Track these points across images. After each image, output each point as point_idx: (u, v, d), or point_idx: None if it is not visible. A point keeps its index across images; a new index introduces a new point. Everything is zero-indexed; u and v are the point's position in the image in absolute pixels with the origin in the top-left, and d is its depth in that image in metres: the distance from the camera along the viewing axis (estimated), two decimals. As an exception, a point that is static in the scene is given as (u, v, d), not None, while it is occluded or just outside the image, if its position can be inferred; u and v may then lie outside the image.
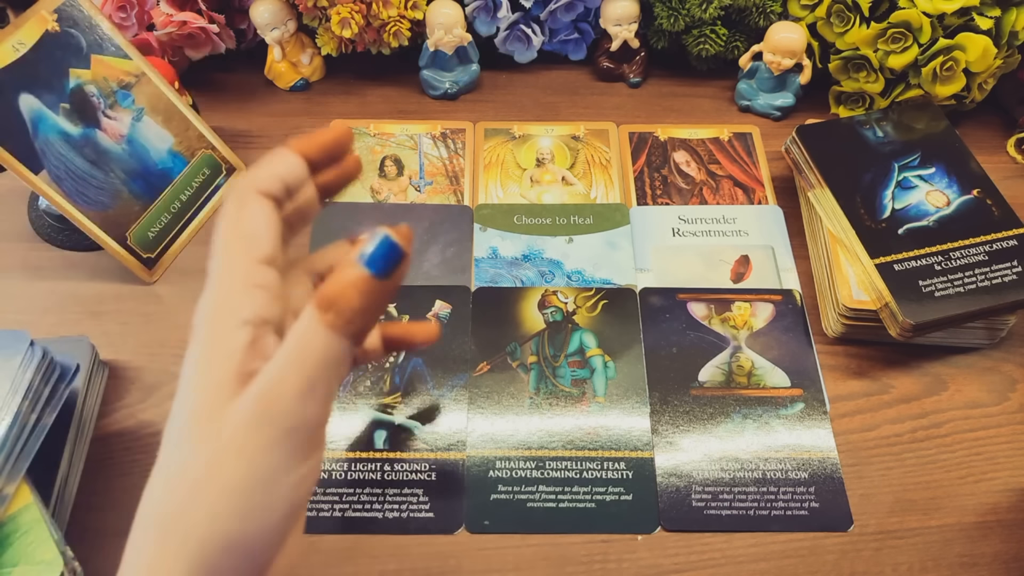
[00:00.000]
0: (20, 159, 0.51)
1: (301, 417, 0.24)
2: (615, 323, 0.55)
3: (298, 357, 0.24)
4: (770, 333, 0.55)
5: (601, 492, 0.48)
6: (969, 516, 0.48)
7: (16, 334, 0.45)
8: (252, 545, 0.25)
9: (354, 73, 0.73)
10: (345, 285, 0.24)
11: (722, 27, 0.68)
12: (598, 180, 0.64)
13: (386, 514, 0.47)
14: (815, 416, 0.51)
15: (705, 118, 0.70)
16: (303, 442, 0.25)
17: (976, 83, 0.63)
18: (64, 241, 0.59)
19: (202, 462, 0.24)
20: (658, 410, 0.51)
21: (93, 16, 0.55)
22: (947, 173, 0.57)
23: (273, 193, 0.27)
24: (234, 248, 0.26)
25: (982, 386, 0.53)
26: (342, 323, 0.24)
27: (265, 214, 0.27)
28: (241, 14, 0.69)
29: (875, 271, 0.52)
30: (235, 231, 0.27)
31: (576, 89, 0.72)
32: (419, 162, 0.65)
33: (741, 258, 0.59)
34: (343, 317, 0.24)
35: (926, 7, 0.59)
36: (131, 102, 0.57)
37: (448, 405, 0.51)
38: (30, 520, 0.41)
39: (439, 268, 0.58)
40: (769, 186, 0.64)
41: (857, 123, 0.61)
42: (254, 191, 0.27)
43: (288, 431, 0.24)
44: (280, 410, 0.24)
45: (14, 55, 0.51)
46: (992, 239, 0.53)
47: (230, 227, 0.27)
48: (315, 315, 0.24)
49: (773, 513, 0.47)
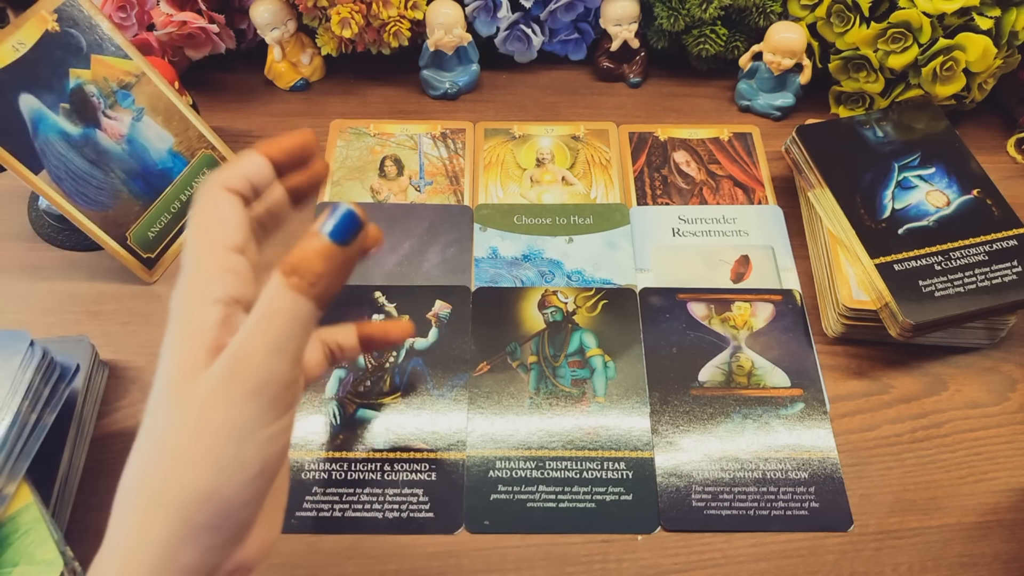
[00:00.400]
0: (20, 159, 0.51)
1: (270, 373, 0.26)
2: (615, 323, 0.55)
3: (265, 318, 0.26)
4: (770, 333, 0.55)
5: (601, 492, 0.48)
6: (969, 516, 0.48)
7: (16, 334, 0.45)
8: (228, 500, 0.26)
9: (354, 73, 0.73)
10: (308, 251, 0.26)
11: (722, 27, 0.68)
12: (598, 180, 0.64)
13: (386, 514, 0.47)
14: (815, 416, 0.51)
15: (705, 118, 0.70)
16: (274, 399, 0.26)
17: (976, 83, 0.63)
18: (64, 241, 0.59)
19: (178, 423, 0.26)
20: (658, 410, 0.51)
21: (93, 16, 0.55)
22: (947, 173, 0.57)
23: (239, 190, 0.29)
24: (204, 237, 0.28)
25: (982, 386, 0.53)
26: (306, 285, 0.26)
27: (232, 207, 0.29)
28: (241, 14, 0.69)
29: (875, 271, 0.52)
30: (205, 222, 0.28)
31: (576, 89, 0.72)
32: (419, 162, 0.65)
33: (741, 258, 0.59)
34: (307, 280, 0.26)
35: (926, 7, 0.59)
36: (131, 102, 0.57)
37: (448, 405, 0.51)
38: (30, 520, 0.41)
39: (439, 268, 0.58)
40: (769, 186, 0.64)
41: (857, 123, 0.61)
42: (221, 187, 0.29)
43: (258, 386, 0.26)
44: (250, 367, 0.26)
45: (14, 55, 0.51)
46: (992, 239, 0.53)
47: (200, 219, 0.29)
48: (281, 279, 0.26)
49: (773, 513, 0.47)
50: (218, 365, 0.26)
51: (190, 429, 0.26)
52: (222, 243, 0.28)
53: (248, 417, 0.26)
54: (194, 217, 0.29)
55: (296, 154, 0.31)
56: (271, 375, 0.26)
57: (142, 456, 0.27)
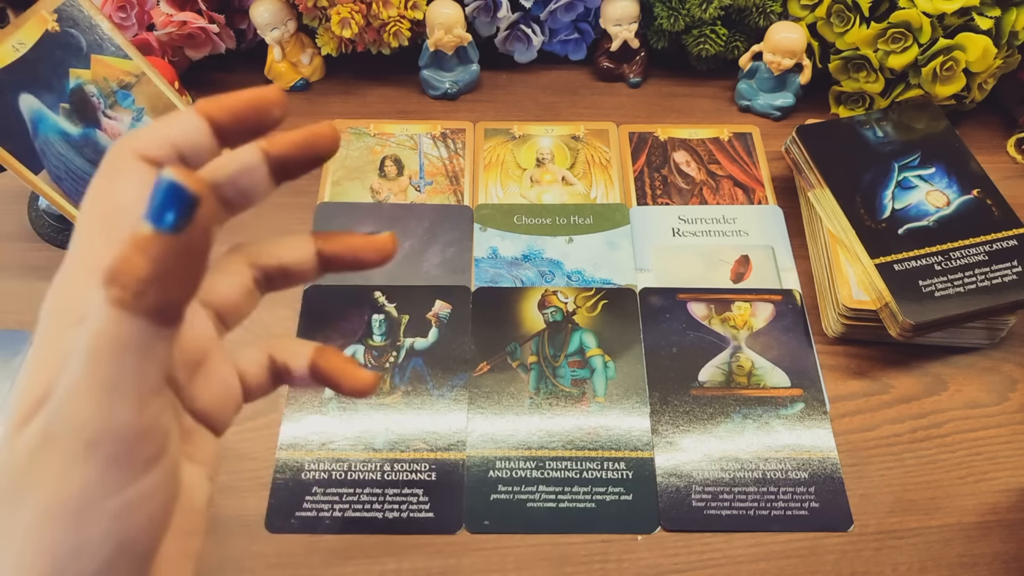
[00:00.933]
0: (20, 159, 0.51)
1: (103, 426, 0.18)
2: (615, 323, 0.55)
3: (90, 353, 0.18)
4: (770, 333, 0.55)
5: (601, 492, 0.48)
6: (969, 516, 0.48)
7: (16, 334, 0.45)
8: None
9: (354, 73, 0.73)
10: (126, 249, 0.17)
11: (722, 27, 0.68)
12: (598, 180, 0.64)
13: (386, 514, 0.47)
14: (815, 416, 0.51)
15: (705, 118, 0.70)
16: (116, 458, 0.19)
17: (976, 83, 0.63)
18: (64, 241, 0.59)
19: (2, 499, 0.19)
20: (658, 410, 0.51)
21: (93, 16, 0.55)
22: (947, 173, 0.57)
23: (157, 158, 0.21)
24: (90, 224, 0.21)
25: (982, 386, 0.53)
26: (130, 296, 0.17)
27: (142, 185, 0.21)
28: (241, 14, 0.69)
29: (875, 271, 0.52)
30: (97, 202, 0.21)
31: (576, 89, 0.72)
32: (419, 162, 0.65)
33: (741, 258, 0.59)
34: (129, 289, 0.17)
35: (926, 7, 0.59)
36: (131, 102, 0.57)
37: (448, 405, 0.51)
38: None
39: (439, 268, 0.58)
40: (769, 186, 0.64)
41: (857, 123, 0.61)
42: (132, 154, 0.21)
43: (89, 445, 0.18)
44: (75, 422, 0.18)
45: (14, 55, 0.51)
46: (992, 239, 0.53)
47: (94, 199, 0.21)
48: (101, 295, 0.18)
49: (773, 513, 0.47)
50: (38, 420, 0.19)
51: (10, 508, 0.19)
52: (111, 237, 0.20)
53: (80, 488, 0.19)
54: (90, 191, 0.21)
55: (247, 116, 0.22)
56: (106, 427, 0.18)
57: None
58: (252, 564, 0.45)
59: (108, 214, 0.21)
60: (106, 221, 0.21)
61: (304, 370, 0.26)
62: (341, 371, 0.26)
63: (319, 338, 0.54)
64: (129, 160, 0.21)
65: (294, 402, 0.51)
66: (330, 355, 0.26)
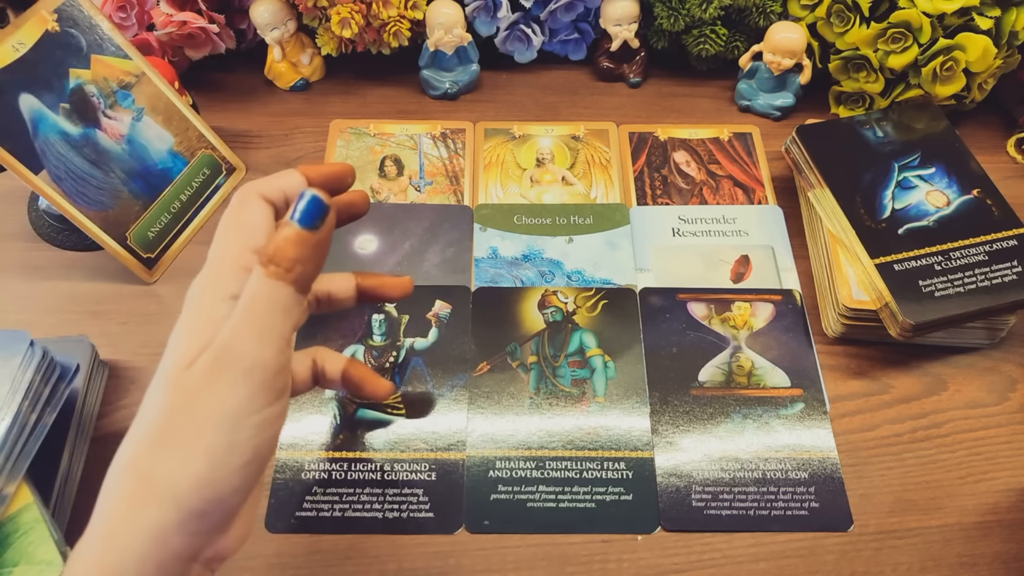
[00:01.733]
0: (20, 159, 0.51)
1: (257, 359, 0.27)
2: (615, 323, 0.55)
3: (249, 307, 0.27)
4: (770, 333, 0.55)
5: (601, 492, 0.48)
6: (969, 516, 0.48)
7: (16, 334, 0.45)
8: (220, 487, 0.27)
9: (354, 73, 0.73)
10: (280, 240, 0.28)
11: (722, 27, 0.69)
12: (598, 180, 0.64)
13: (386, 514, 0.47)
14: (815, 416, 0.51)
15: (705, 118, 0.70)
16: (263, 384, 0.27)
17: (976, 83, 0.63)
18: (64, 241, 0.59)
19: (172, 410, 0.27)
20: (658, 410, 0.51)
21: (93, 16, 0.55)
22: (947, 173, 0.57)
23: (272, 199, 0.31)
24: (230, 235, 0.30)
25: (982, 386, 0.53)
26: (283, 272, 0.27)
27: (262, 213, 0.30)
28: (241, 14, 0.69)
29: (875, 271, 0.52)
30: (234, 221, 0.30)
31: (576, 89, 0.72)
32: (419, 162, 0.65)
33: (741, 258, 0.59)
34: (283, 266, 0.27)
35: (926, 7, 0.59)
36: (131, 102, 0.57)
37: (448, 405, 0.51)
38: (30, 520, 0.41)
39: (439, 268, 0.58)
40: (769, 186, 0.64)
41: (857, 123, 0.61)
42: (256, 193, 0.31)
43: (246, 371, 0.27)
44: (237, 353, 0.27)
45: (14, 55, 0.51)
46: (992, 239, 0.53)
47: (230, 218, 0.30)
48: (260, 271, 0.28)
49: (773, 513, 0.47)
50: (208, 354, 0.27)
51: (183, 416, 0.27)
52: (246, 243, 0.29)
53: (238, 403, 0.27)
54: (226, 216, 0.30)
55: (332, 181, 0.33)
56: (258, 360, 0.27)
57: (134, 443, 0.27)
58: (252, 564, 0.45)
59: (242, 228, 0.30)
60: (241, 232, 0.30)
61: (337, 374, 0.37)
62: (366, 379, 0.38)
63: (320, 338, 0.54)
64: (255, 197, 0.30)
65: (294, 402, 0.51)
66: (359, 366, 0.38)
